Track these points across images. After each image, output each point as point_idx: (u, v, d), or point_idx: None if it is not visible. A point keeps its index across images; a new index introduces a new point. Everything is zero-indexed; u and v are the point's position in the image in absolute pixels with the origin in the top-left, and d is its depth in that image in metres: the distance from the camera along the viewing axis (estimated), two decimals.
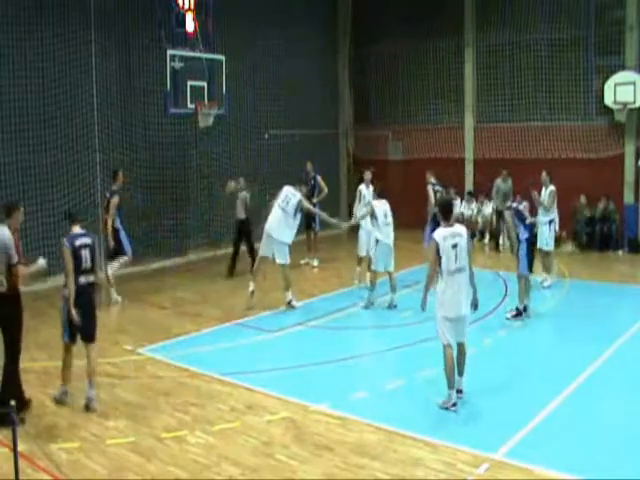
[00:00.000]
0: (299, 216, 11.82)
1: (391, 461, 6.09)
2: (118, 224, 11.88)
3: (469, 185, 18.97)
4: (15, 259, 6.82)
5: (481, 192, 18.26)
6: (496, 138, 18.37)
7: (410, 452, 6.26)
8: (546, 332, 10.17)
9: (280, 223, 11.46)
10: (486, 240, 17.84)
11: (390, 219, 11.80)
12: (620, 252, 16.12)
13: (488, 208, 17.91)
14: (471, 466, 5.95)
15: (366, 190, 13.54)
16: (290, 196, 11.66)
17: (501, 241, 16.81)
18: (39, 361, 8.96)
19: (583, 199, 16.73)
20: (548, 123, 17.58)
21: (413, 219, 18.82)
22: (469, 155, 19.03)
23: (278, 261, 11.56)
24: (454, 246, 7.18)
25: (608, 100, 16.34)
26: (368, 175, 13.74)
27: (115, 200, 11.80)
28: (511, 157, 17.92)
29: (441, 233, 7.24)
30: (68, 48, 13.57)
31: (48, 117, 13.32)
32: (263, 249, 11.66)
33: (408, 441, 6.47)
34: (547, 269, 12.84)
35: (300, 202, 11.67)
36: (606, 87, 16.39)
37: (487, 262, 16.49)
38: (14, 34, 12.65)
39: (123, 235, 11.94)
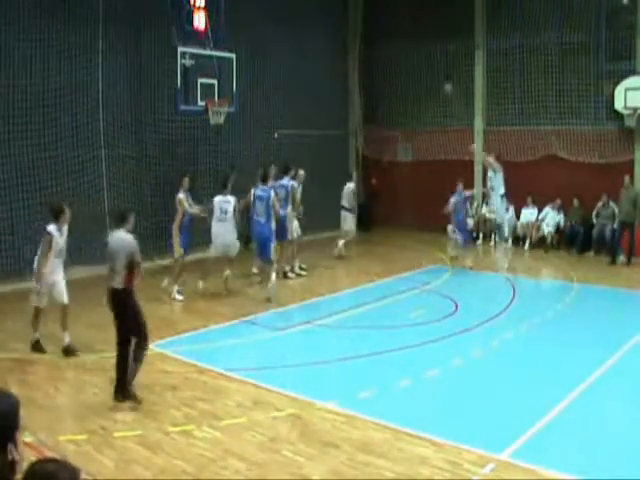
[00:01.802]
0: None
1: (397, 459, 6.11)
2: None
3: (478, 187, 18.96)
4: (137, 260, 7.39)
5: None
6: (505, 141, 18.35)
7: (416, 451, 6.27)
8: (553, 336, 10.16)
9: None
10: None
11: (228, 215, 12.17)
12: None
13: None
14: (477, 466, 5.96)
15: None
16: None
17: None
18: (47, 354, 9.02)
19: (601, 203, 16.68)
20: (558, 127, 17.55)
21: (422, 220, 18.90)
22: (478, 158, 19.00)
23: None
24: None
25: (618, 105, 16.31)
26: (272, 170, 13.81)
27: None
28: (520, 160, 17.90)
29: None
30: (74, 43, 13.58)
31: (51, 113, 13.34)
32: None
33: (414, 440, 6.48)
34: None
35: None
36: (616, 92, 16.35)
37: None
38: (17, 28, 12.66)
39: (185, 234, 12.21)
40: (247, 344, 9.70)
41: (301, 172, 14.22)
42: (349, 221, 16.20)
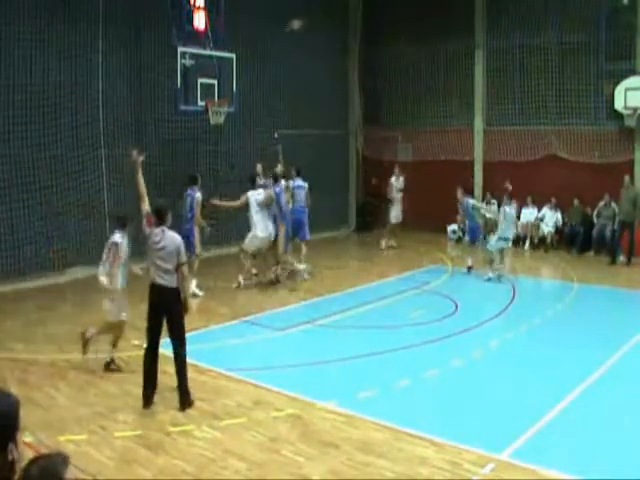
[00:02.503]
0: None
1: (397, 459, 6.11)
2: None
3: (477, 187, 18.98)
4: (184, 259, 7.41)
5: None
6: (505, 141, 18.34)
7: (416, 451, 6.28)
8: (553, 336, 10.17)
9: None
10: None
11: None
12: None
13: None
14: (476, 466, 5.96)
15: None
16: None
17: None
18: (46, 353, 9.02)
19: (602, 203, 16.66)
20: (558, 127, 17.54)
21: (422, 220, 18.90)
22: (478, 157, 19.02)
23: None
24: None
25: (618, 105, 16.31)
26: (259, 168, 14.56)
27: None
28: (520, 160, 17.90)
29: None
30: (74, 43, 13.57)
31: (51, 113, 13.31)
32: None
33: (414, 440, 6.49)
34: None
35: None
36: (616, 92, 16.35)
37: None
38: (17, 28, 12.62)
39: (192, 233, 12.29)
40: (247, 344, 9.70)
41: (279, 167, 14.22)
42: (389, 211, 17.51)
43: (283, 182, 13.51)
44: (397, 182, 17.60)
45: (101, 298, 10.72)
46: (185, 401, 7.29)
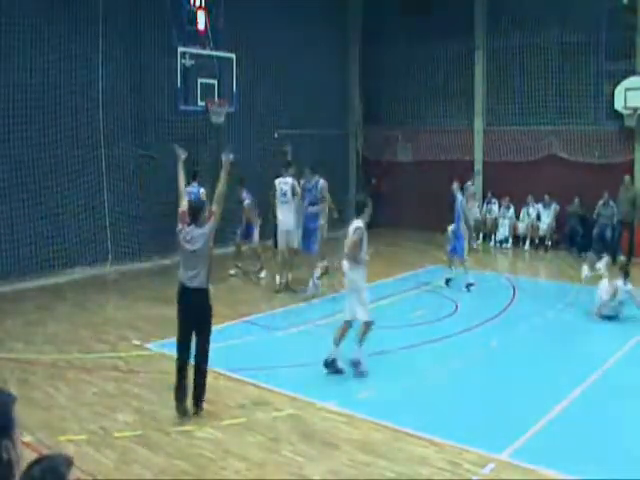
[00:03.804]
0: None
1: (397, 459, 6.11)
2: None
3: (477, 187, 18.97)
4: (215, 225, 7.14)
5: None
6: (505, 141, 18.33)
7: (416, 451, 6.28)
8: (553, 335, 10.16)
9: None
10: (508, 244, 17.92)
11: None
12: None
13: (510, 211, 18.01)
14: (476, 466, 5.96)
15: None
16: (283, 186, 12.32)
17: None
18: (46, 353, 9.02)
19: (601, 202, 16.61)
20: (558, 127, 17.55)
21: (422, 220, 18.89)
22: (478, 158, 19.01)
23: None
24: None
25: (618, 105, 16.31)
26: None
27: None
28: (520, 160, 17.90)
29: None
30: (74, 43, 13.58)
31: (51, 113, 13.33)
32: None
33: (414, 440, 6.48)
34: None
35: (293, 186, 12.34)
36: (616, 92, 16.34)
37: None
38: (17, 28, 12.61)
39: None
40: (247, 344, 9.68)
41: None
42: None
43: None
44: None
45: (100, 298, 10.75)
46: (198, 406, 7.15)
